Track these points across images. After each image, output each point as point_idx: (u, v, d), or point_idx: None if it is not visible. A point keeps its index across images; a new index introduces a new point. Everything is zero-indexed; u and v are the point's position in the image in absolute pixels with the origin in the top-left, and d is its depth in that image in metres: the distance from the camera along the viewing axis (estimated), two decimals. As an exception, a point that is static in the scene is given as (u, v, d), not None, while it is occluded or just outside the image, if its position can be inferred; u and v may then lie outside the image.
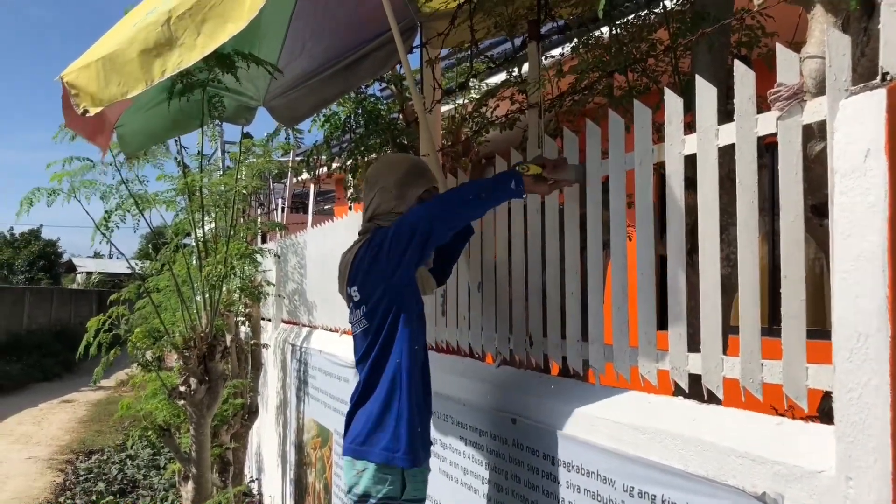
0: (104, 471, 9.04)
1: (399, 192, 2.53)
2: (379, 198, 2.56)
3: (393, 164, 2.66)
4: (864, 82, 1.46)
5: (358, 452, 2.44)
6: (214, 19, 2.02)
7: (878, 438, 1.35)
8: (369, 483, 2.39)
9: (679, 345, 2.02)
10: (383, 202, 2.55)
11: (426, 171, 2.64)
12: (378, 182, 2.58)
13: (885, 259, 1.35)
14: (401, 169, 2.58)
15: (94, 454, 10.14)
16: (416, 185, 2.55)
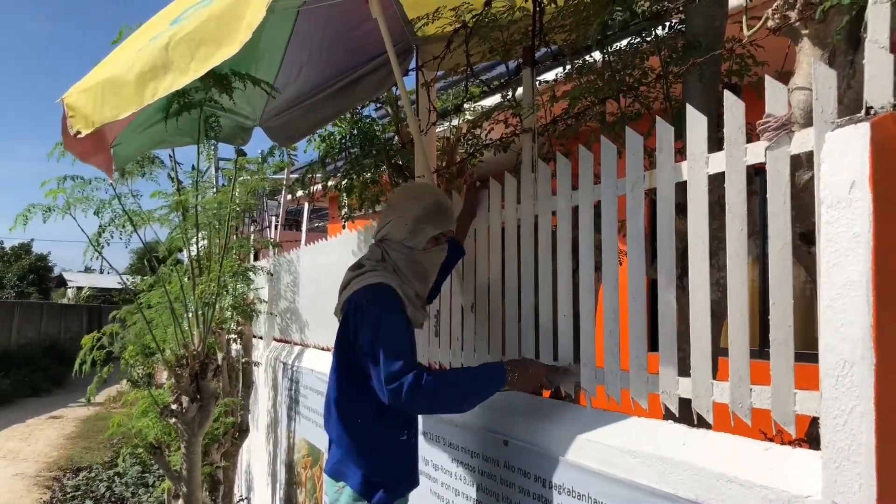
0: (92, 488, 8.97)
1: (413, 227, 2.51)
2: (394, 224, 2.55)
3: (417, 196, 2.61)
4: (850, 114, 1.50)
5: (338, 473, 2.53)
6: (208, 44, 2.06)
7: (863, 464, 1.38)
8: (349, 500, 2.47)
9: (669, 369, 2.05)
10: (396, 230, 2.54)
11: (447, 214, 2.61)
12: (398, 209, 2.57)
13: (869, 288, 1.38)
14: (422, 204, 2.55)
15: (82, 471, 10.05)
16: (432, 225, 2.53)
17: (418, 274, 2.56)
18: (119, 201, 4.11)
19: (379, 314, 2.38)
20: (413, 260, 2.53)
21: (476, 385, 2.36)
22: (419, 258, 2.54)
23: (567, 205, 2.50)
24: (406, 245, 2.52)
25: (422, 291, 2.62)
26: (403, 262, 2.53)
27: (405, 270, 2.53)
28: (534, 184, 2.69)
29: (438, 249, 2.60)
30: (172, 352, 4.35)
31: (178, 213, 4.73)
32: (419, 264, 2.55)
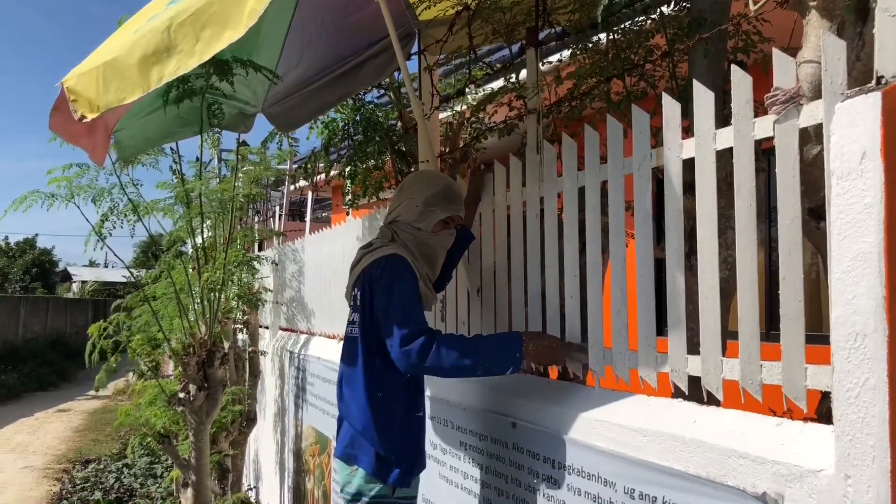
0: (101, 480, 9.01)
1: (423, 209, 2.59)
2: (404, 207, 2.63)
3: (428, 181, 2.70)
4: (859, 86, 1.49)
5: (349, 457, 2.55)
6: (213, 26, 2.04)
7: (877, 437, 1.37)
8: (361, 482, 2.50)
9: (678, 347, 2.04)
10: (406, 212, 2.62)
11: (456, 199, 2.68)
12: (409, 192, 2.65)
13: (881, 259, 1.37)
14: (433, 188, 2.63)
15: (91, 463, 10.10)
16: (441, 208, 2.60)
17: (426, 256, 2.63)
18: (122, 189, 4.10)
19: (392, 281, 2.42)
20: (422, 242, 2.60)
21: (490, 350, 2.33)
22: (428, 240, 2.61)
23: (573, 186, 2.49)
24: (415, 226, 2.60)
25: (430, 274, 2.65)
26: (413, 244, 2.59)
27: (415, 252, 2.59)
28: (539, 166, 2.67)
29: (447, 234, 2.66)
30: (179, 341, 4.35)
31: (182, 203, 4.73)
32: (427, 246, 2.62)
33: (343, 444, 2.59)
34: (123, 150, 3.87)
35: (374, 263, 2.52)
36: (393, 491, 2.50)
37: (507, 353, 2.32)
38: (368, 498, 2.48)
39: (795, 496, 1.54)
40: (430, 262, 2.64)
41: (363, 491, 2.49)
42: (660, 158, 2.08)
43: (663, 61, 2.65)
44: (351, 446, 2.55)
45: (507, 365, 2.32)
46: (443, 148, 4.18)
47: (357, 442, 2.53)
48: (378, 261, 2.51)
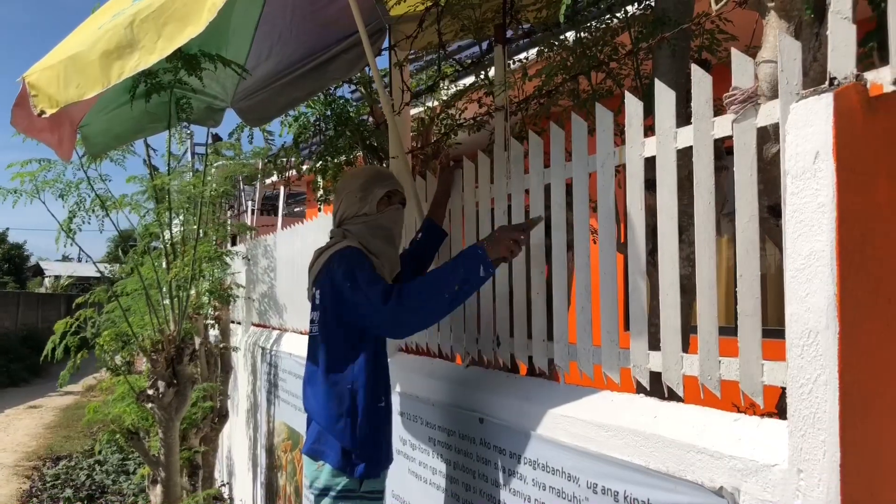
0: (72, 477, 8.92)
1: (362, 195, 2.66)
2: (345, 203, 2.70)
3: (357, 173, 2.87)
4: (815, 86, 1.51)
5: (316, 452, 2.57)
6: (174, 22, 2.03)
7: (828, 432, 1.39)
8: (328, 477, 2.52)
9: (640, 343, 2.06)
10: (349, 206, 2.68)
11: (388, 176, 2.78)
12: (343, 190, 2.74)
13: (833, 258, 1.39)
14: (363, 176, 2.75)
15: (62, 460, 10.00)
16: (379, 186, 2.68)
17: (384, 238, 2.67)
18: (89, 184, 4.06)
19: (350, 268, 2.47)
20: (374, 226, 2.66)
21: (457, 265, 2.35)
22: (378, 221, 2.67)
23: (539, 183, 2.50)
24: (362, 214, 2.66)
25: (392, 255, 2.71)
26: (366, 231, 2.64)
27: (371, 239, 2.63)
28: (507, 162, 2.68)
29: (393, 209, 2.72)
30: (148, 337, 4.32)
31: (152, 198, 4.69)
32: (381, 228, 2.67)
33: (310, 441, 2.61)
34: (92, 147, 3.84)
35: (329, 260, 2.57)
36: (360, 484, 2.52)
37: (471, 257, 2.33)
38: (335, 492, 2.51)
39: (751, 490, 1.57)
40: (388, 241, 2.69)
41: (330, 486, 2.51)
42: (623, 157, 2.09)
43: (628, 59, 2.67)
44: (317, 442, 2.57)
45: (477, 265, 2.31)
46: (414, 143, 4.18)
47: (323, 437, 2.54)
48: (332, 256, 2.56)
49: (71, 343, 4.40)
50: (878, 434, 1.44)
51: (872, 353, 1.44)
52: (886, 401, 1.46)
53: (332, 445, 2.51)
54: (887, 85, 1.40)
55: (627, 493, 1.90)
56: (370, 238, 2.63)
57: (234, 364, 6.84)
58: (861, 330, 1.42)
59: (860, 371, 1.41)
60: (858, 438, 1.40)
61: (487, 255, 2.31)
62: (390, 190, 2.71)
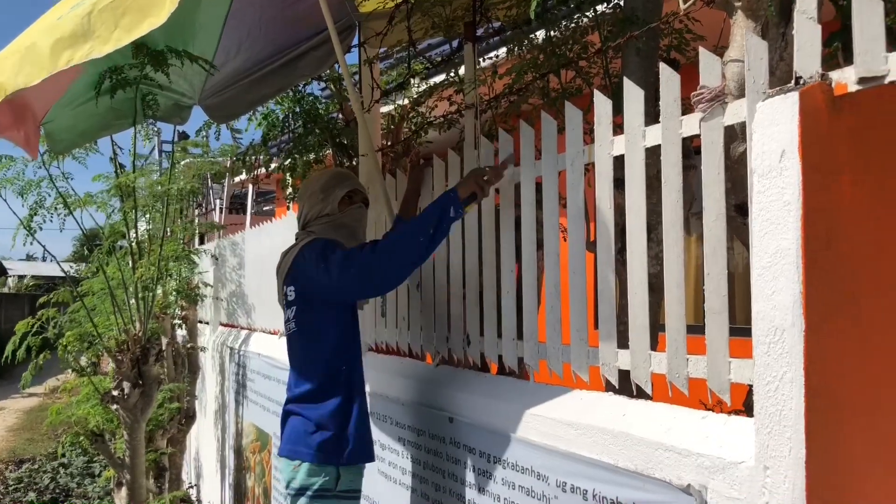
0: (35, 480, 8.75)
1: (323, 195, 2.71)
2: (307, 205, 2.75)
3: (317, 176, 2.89)
4: (781, 85, 1.52)
5: (294, 453, 2.56)
6: (133, 14, 2.00)
7: (793, 429, 1.40)
8: (305, 477, 2.51)
9: (609, 341, 2.06)
10: (312, 207, 2.73)
11: (348, 177, 2.83)
12: (306, 192, 2.80)
13: (799, 256, 1.40)
14: (324, 177, 2.79)
15: (25, 463, 9.80)
16: (339, 187, 2.73)
17: (346, 235, 2.70)
18: (51, 182, 3.98)
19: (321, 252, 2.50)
20: (336, 224, 2.70)
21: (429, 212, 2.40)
22: (341, 219, 2.72)
23: (509, 181, 2.50)
24: (324, 215, 2.70)
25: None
26: (330, 230, 2.67)
27: (335, 236, 2.64)
28: (476, 161, 2.67)
29: (355, 207, 2.77)
30: (113, 338, 4.25)
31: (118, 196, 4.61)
32: (343, 226, 2.72)
33: (287, 442, 2.61)
34: (56, 144, 3.78)
35: (298, 256, 2.59)
36: (336, 483, 2.52)
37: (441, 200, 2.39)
38: (312, 492, 2.51)
39: (718, 487, 1.58)
40: (352, 238, 2.72)
41: (306, 485, 2.51)
42: (592, 155, 2.09)
43: (598, 58, 2.68)
44: (294, 442, 2.57)
45: (448, 205, 2.36)
46: (384, 141, 4.16)
47: (301, 437, 2.54)
48: (301, 250, 2.59)
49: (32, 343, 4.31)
50: (843, 431, 1.45)
51: (838, 350, 1.45)
52: (851, 398, 1.47)
53: (311, 443, 2.51)
54: (851, 84, 1.41)
55: (596, 492, 1.90)
56: (334, 235, 2.65)
57: (202, 364, 6.76)
58: (827, 327, 1.43)
59: (826, 368, 1.42)
60: (824, 435, 1.41)
61: (458, 196, 2.37)
62: (351, 190, 2.75)
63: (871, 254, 1.52)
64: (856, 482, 1.47)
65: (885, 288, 1.53)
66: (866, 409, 1.50)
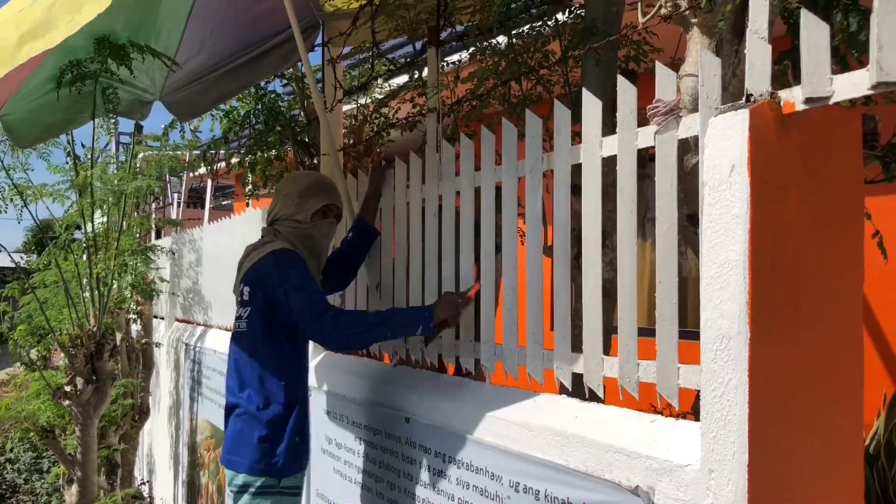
0: (-20, 476, 8.56)
1: (300, 200, 2.68)
2: (281, 204, 2.72)
3: (300, 177, 2.86)
4: (734, 100, 1.58)
5: (231, 463, 2.59)
6: (91, 3, 2.00)
7: (737, 433, 1.46)
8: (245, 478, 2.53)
9: (563, 345, 2.11)
10: (284, 208, 2.71)
11: (330, 189, 2.79)
12: (284, 190, 2.76)
13: (746, 267, 1.46)
14: (305, 182, 2.76)
15: (-30, 458, 9.58)
16: (317, 197, 2.71)
17: (310, 249, 2.70)
18: (7, 173, 3.91)
19: (285, 270, 2.51)
20: (303, 234, 2.68)
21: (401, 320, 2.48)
22: (309, 231, 2.70)
23: (470, 185, 2.53)
24: (295, 219, 2.68)
25: (314, 266, 2.72)
26: (294, 237, 2.67)
27: (298, 245, 2.66)
28: (438, 164, 2.70)
29: (327, 223, 2.76)
30: (66, 332, 4.19)
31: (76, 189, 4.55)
32: (309, 238, 2.70)
33: (226, 451, 2.62)
34: (20, 139, 3.74)
35: (262, 260, 2.58)
36: (279, 481, 2.53)
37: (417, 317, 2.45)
38: (255, 488, 2.52)
39: (665, 489, 1.63)
40: (314, 253, 2.73)
41: (249, 483, 2.53)
42: (551, 163, 2.14)
43: (558, 67, 2.72)
44: (232, 452, 2.58)
45: (418, 325, 2.43)
46: (346, 141, 4.16)
47: (239, 448, 2.55)
48: (266, 257, 2.58)
49: (-20, 337, 4.23)
50: (785, 436, 1.51)
51: (781, 358, 1.51)
52: (794, 404, 1.54)
53: (245, 453, 2.52)
54: (799, 104, 1.47)
55: (548, 492, 1.94)
56: (297, 243, 2.66)
57: (157, 360, 6.69)
58: (771, 336, 1.49)
59: (769, 375, 1.48)
60: (766, 440, 1.47)
61: (432, 319, 2.41)
62: (327, 203, 2.74)
63: (813, 265, 1.58)
64: (795, 484, 1.54)
65: (824, 298, 1.60)
66: (805, 414, 1.56)
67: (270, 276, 2.52)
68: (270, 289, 2.52)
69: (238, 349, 2.66)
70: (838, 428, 1.63)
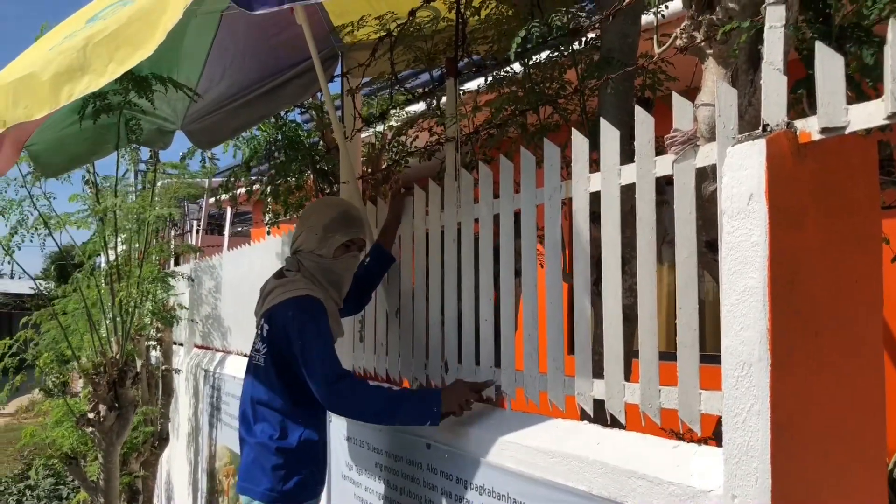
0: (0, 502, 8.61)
1: (323, 235, 2.64)
2: (305, 236, 2.67)
3: (326, 207, 2.77)
4: (751, 129, 1.61)
5: (245, 489, 2.59)
6: (126, 46, 2.04)
7: (760, 459, 1.47)
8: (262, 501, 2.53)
9: (584, 371, 2.12)
10: (308, 241, 2.66)
11: (354, 222, 2.73)
12: (308, 220, 2.71)
13: (766, 294, 1.48)
14: (330, 214, 2.68)
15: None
16: (341, 232, 2.65)
17: (332, 282, 2.68)
18: (32, 203, 3.99)
19: (305, 323, 2.48)
20: (325, 268, 2.65)
21: (411, 405, 2.44)
22: (331, 266, 2.66)
23: (489, 212, 2.56)
24: (317, 254, 2.64)
25: (337, 299, 2.72)
26: (317, 271, 2.64)
27: (320, 279, 2.64)
28: (457, 192, 2.74)
29: (349, 256, 2.72)
30: (89, 359, 4.24)
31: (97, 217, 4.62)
32: (331, 272, 2.67)
33: (242, 479, 2.62)
34: (46, 168, 3.82)
35: (285, 303, 2.56)
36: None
37: (427, 406, 2.41)
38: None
39: (688, 515, 1.64)
40: (336, 287, 2.71)
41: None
42: (569, 190, 2.17)
43: (575, 96, 2.76)
44: (247, 480, 2.59)
45: (427, 416, 2.40)
46: (365, 168, 4.22)
47: (254, 476, 2.56)
48: (288, 302, 2.55)
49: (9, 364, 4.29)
50: (806, 461, 1.52)
51: (802, 384, 1.52)
52: (816, 429, 1.55)
53: (260, 480, 2.53)
54: (815, 133, 1.50)
55: (571, 518, 1.95)
56: (319, 277, 2.65)
57: (176, 387, 6.73)
58: (791, 362, 1.50)
59: (790, 401, 1.49)
60: (788, 466, 1.48)
61: (440, 410, 2.40)
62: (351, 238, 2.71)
63: (832, 291, 1.60)
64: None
65: (843, 324, 1.61)
66: (827, 439, 1.57)
67: (290, 325, 2.50)
68: (288, 340, 2.50)
69: (254, 380, 2.67)
70: (861, 452, 1.64)
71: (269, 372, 2.59)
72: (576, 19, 2.53)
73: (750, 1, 1.83)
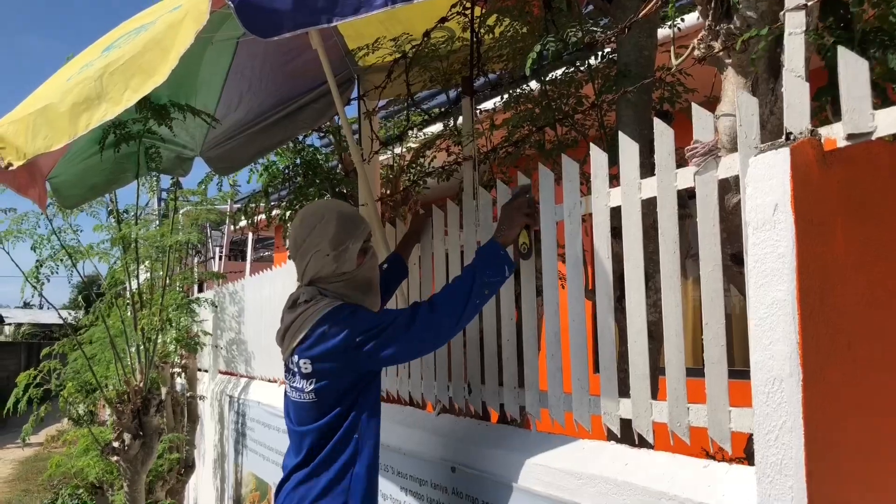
0: (30, 532, 8.64)
1: (336, 253, 2.32)
2: (314, 263, 2.34)
3: (319, 222, 2.37)
4: (773, 139, 1.57)
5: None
6: (140, 74, 2.05)
7: (794, 477, 1.42)
8: None
9: (610, 390, 2.08)
10: (322, 267, 2.34)
11: (357, 220, 2.42)
12: (309, 246, 2.35)
13: (795, 306, 1.43)
14: (330, 227, 2.34)
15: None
16: (354, 239, 2.35)
17: (364, 290, 2.42)
18: (57, 236, 4.04)
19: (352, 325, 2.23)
20: (354, 282, 2.38)
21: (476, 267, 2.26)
22: (356, 275, 2.38)
23: (508, 231, 2.53)
24: (340, 273, 2.35)
25: (374, 302, 2.48)
26: (348, 288, 2.37)
27: (351, 294, 2.38)
28: (475, 211, 2.72)
29: (370, 257, 2.44)
30: (114, 388, 4.25)
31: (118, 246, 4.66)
32: (362, 281, 2.41)
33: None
34: (66, 199, 3.83)
35: (317, 324, 2.27)
36: None
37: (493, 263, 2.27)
38: None
39: (721, 537, 1.59)
40: (367, 292, 2.44)
41: None
42: (589, 206, 2.14)
43: (592, 111, 2.74)
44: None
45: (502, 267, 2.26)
46: (384, 190, 4.21)
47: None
48: (319, 323, 2.27)
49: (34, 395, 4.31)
50: (841, 478, 1.47)
51: (835, 398, 1.47)
52: (849, 444, 1.49)
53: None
54: (840, 140, 1.46)
55: (600, 542, 1.90)
56: (351, 293, 2.37)
57: (201, 413, 6.74)
58: (823, 376, 1.45)
59: (824, 416, 1.44)
60: (824, 483, 1.42)
61: (506, 252, 2.27)
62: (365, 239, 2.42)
63: (863, 302, 1.55)
64: (857, 530, 1.49)
65: (876, 334, 1.56)
66: (862, 455, 1.52)
67: (337, 338, 2.23)
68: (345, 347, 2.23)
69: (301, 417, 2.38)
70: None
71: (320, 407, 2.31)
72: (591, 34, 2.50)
73: (768, 8, 1.80)
